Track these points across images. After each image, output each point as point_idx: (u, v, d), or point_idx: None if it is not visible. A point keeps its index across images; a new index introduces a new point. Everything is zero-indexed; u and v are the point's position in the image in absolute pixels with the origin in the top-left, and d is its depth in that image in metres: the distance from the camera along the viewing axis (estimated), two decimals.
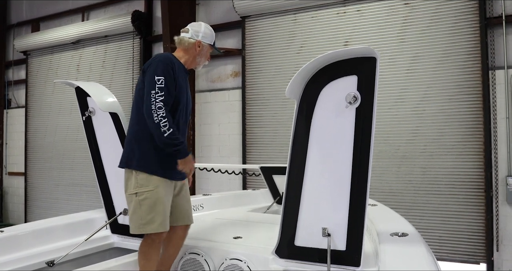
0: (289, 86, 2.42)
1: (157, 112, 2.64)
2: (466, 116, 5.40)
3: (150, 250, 2.84)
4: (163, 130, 2.65)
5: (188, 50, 3.00)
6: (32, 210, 9.52)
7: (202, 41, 3.00)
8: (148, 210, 2.76)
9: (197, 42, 2.98)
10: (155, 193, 2.77)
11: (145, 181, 2.77)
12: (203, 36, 3.01)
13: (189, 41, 2.98)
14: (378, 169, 5.73)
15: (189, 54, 3.01)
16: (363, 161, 2.33)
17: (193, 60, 3.03)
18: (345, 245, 2.38)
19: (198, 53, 3.01)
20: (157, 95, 2.67)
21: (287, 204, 2.55)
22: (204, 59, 3.08)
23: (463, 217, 5.38)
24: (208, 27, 3.07)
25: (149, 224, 2.77)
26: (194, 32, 3.01)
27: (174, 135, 2.68)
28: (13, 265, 2.85)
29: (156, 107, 2.65)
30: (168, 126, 2.65)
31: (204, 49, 3.03)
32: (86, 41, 8.71)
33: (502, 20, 5.31)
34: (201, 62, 3.09)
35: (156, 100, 2.66)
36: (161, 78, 2.71)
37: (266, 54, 6.80)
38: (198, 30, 3.01)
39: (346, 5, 6.19)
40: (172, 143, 2.70)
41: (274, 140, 6.66)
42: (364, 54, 2.32)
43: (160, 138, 2.68)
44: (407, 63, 5.74)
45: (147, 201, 2.76)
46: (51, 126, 9.17)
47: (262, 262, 2.71)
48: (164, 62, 2.79)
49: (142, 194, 2.76)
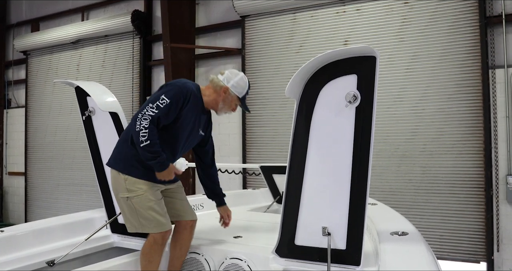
0: (288, 86, 2.42)
1: (141, 121, 2.62)
2: (466, 115, 5.40)
3: (152, 251, 2.84)
4: (140, 139, 2.63)
5: (215, 91, 2.94)
6: (32, 210, 9.52)
7: (230, 89, 2.91)
8: (142, 213, 2.79)
9: (224, 88, 2.91)
10: (145, 197, 2.78)
11: (133, 186, 2.78)
12: (233, 85, 2.91)
13: (218, 83, 2.93)
14: (378, 168, 5.73)
15: (214, 96, 2.94)
16: (363, 160, 2.33)
17: (215, 103, 2.96)
18: (345, 244, 2.38)
19: (222, 99, 2.93)
20: (151, 109, 2.65)
21: (287, 203, 2.55)
22: (227, 108, 2.98)
23: (463, 216, 5.38)
24: (244, 80, 2.95)
25: (144, 225, 2.80)
26: (227, 77, 2.93)
27: (151, 148, 2.65)
28: (13, 264, 2.85)
29: (142, 117, 2.63)
30: (146, 138, 2.62)
31: (229, 98, 2.93)
32: (86, 41, 8.71)
33: (502, 19, 5.31)
34: (223, 110, 2.99)
35: (147, 111, 2.64)
36: (166, 101, 2.68)
37: (265, 54, 6.79)
38: (232, 77, 2.93)
39: (345, 4, 6.18)
40: (147, 156, 2.68)
41: (273, 139, 6.66)
42: (364, 53, 2.32)
43: (138, 148, 2.68)
44: (406, 62, 5.74)
45: (139, 205, 2.78)
46: (51, 126, 9.17)
47: (262, 261, 2.71)
48: (181, 90, 2.76)
49: (133, 198, 2.78)
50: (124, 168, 2.80)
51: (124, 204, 2.83)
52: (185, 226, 3.04)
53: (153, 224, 2.79)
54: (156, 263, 2.85)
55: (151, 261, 2.83)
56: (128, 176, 2.79)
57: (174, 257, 3.04)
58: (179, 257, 3.05)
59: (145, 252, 2.85)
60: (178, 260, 3.05)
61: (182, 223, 3.05)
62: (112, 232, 3.48)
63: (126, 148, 2.82)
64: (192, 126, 2.89)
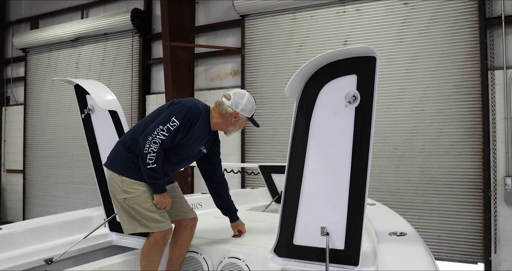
0: (288, 85, 2.42)
1: (150, 145, 2.67)
2: (464, 117, 5.41)
3: (152, 251, 2.84)
4: (147, 161, 2.69)
5: (223, 116, 2.93)
6: (31, 208, 9.51)
7: (240, 114, 2.92)
8: (140, 213, 2.80)
9: (234, 113, 2.91)
10: (143, 197, 2.80)
11: (130, 187, 2.81)
12: (243, 109, 2.92)
13: (226, 110, 2.91)
14: (377, 168, 5.73)
15: (223, 120, 2.94)
16: (362, 160, 2.33)
17: (223, 127, 2.98)
18: (344, 244, 2.38)
19: (232, 123, 2.95)
20: (161, 132, 2.68)
21: (286, 202, 2.55)
22: (237, 129, 3.03)
23: (462, 217, 5.39)
24: (251, 100, 2.98)
25: (143, 225, 2.82)
26: (234, 102, 2.92)
27: (155, 171, 2.73)
28: (11, 262, 2.85)
29: (151, 141, 2.67)
30: (153, 161, 2.70)
31: (240, 121, 2.96)
32: (85, 39, 8.70)
33: (502, 21, 5.31)
34: (233, 131, 3.03)
35: (157, 135, 2.68)
36: (177, 123, 2.71)
37: (265, 53, 6.79)
38: (239, 101, 2.92)
39: (346, 4, 6.18)
40: (151, 175, 2.74)
41: (273, 139, 6.66)
42: (364, 53, 2.32)
43: (142, 166, 2.74)
44: (406, 63, 5.74)
45: (137, 205, 2.80)
46: (50, 124, 9.16)
47: (261, 260, 2.71)
48: (191, 110, 2.77)
49: (131, 199, 2.80)
50: (122, 170, 2.82)
51: (122, 205, 2.85)
52: (185, 226, 3.05)
53: (153, 223, 2.80)
54: (156, 263, 2.86)
55: (151, 261, 2.84)
56: (125, 178, 2.81)
57: (173, 258, 3.04)
58: (178, 258, 3.04)
59: (145, 252, 2.85)
60: (177, 261, 3.04)
61: (182, 223, 3.05)
62: (111, 230, 3.47)
63: (124, 151, 2.84)
64: (195, 145, 2.92)
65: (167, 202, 2.85)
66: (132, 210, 2.81)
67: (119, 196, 2.83)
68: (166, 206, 2.85)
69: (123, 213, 2.87)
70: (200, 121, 2.82)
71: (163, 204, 2.83)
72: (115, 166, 2.86)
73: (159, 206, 2.82)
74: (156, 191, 2.80)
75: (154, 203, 2.81)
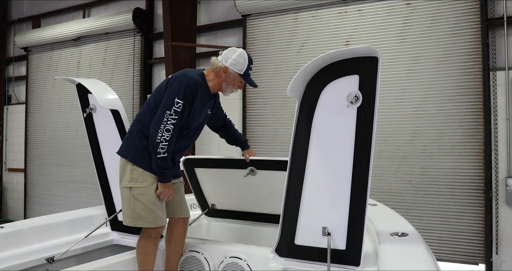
0: (290, 85, 2.42)
1: (163, 133, 2.69)
2: (466, 117, 5.40)
3: (147, 245, 2.88)
4: (158, 151, 2.71)
5: (216, 73, 2.94)
6: (32, 207, 9.52)
7: (229, 68, 2.90)
8: (142, 206, 2.81)
9: (223, 68, 2.90)
10: (149, 190, 2.83)
11: (139, 177, 2.82)
12: (232, 63, 2.90)
13: (217, 65, 2.92)
14: (378, 169, 5.73)
15: (217, 78, 2.95)
16: (364, 161, 2.33)
17: (219, 85, 2.97)
18: (345, 244, 2.38)
19: (224, 79, 2.93)
20: (170, 117, 2.70)
21: (287, 202, 2.55)
22: (231, 87, 2.98)
23: (463, 217, 5.38)
24: (243, 56, 2.93)
25: (142, 218, 2.82)
26: (224, 56, 2.92)
27: (165, 160, 2.75)
28: (13, 261, 2.85)
29: (164, 129, 2.69)
30: (165, 151, 2.72)
31: (231, 77, 2.92)
32: (86, 38, 8.70)
33: (504, 21, 5.30)
34: (228, 90, 2.99)
35: (167, 122, 2.70)
36: (181, 102, 2.72)
37: (266, 53, 6.79)
38: (229, 56, 2.91)
39: (347, 4, 6.18)
40: (160, 165, 2.75)
41: (274, 139, 6.65)
42: (366, 53, 2.32)
43: (153, 155, 2.75)
44: (407, 64, 5.73)
45: (141, 196, 2.81)
46: (51, 123, 9.16)
47: (262, 260, 2.72)
48: (189, 85, 2.77)
49: (137, 189, 2.82)
50: (134, 158, 2.84)
51: (126, 194, 2.86)
52: (178, 222, 3.08)
53: (151, 218, 2.82)
54: (152, 256, 2.90)
55: (146, 254, 2.88)
56: (136, 167, 2.82)
57: (169, 253, 3.07)
58: (175, 253, 3.06)
59: (140, 246, 2.90)
60: (174, 257, 3.06)
61: (175, 220, 3.08)
62: (112, 229, 3.48)
63: (137, 139, 2.86)
64: (203, 112, 2.96)
65: (170, 193, 2.87)
66: (134, 200, 2.82)
67: (127, 184, 2.85)
68: (168, 196, 2.87)
69: (125, 202, 2.89)
70: (200, 90, 2.84)
71: (166, 194, 2.85)
72: (128, 153, 2.88)
73: (162, 196, 2.83)
74: (162, 180, 2.81)
75: (157, 193, 2.82)
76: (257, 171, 3.37)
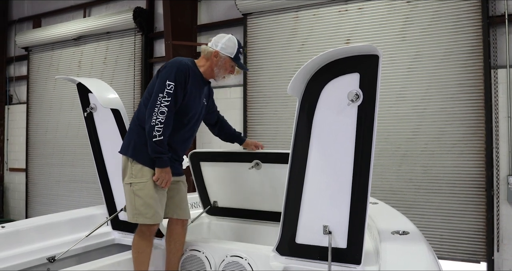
0: (291, 84, 2.42)
1: (157, 116, 2.69)
2: (467, 115, 5.39)
3: (141, 242, 2.89)
4: (154, 134, 2.69)
5: (207, 59, 2.98)
6: (33, 206, 9.53)
7: (220, 52, 2.95)
8: (141, 201, 2.81)
9: (214, 52, 2.95)
10: (148, 185, 2.81)
11: (139, 172, 2.82)
12: (222, 47, 2.96)
13: (208, 50, 2.97)
14: (379, 167, 5.72)
15: (207, 63, 2.98)
16: (365, 159, 2.33)
17: (211, 71, 3.00)
18: (346, 243, 2.38)
19: (215, 64, 2.97)
20: (164, 99, 2.70)
21: (288, 201, 2.55)
22: (223, 72, 3.02)
23: (464, 216, 5.38)
24: (232, 40, 3.01)
25: (141, 214, 2.82)
26: (214, 42, 2.99)
27: (161, 144, 2.73)
28: (14, 260, 2.86)
29: (158, 111, 2.69)
30: (160, 133, 2.70)
31: (222, 61, 2.97)
32: (87, 38, 8.70)
33: (505, 19, 5.28)
34: (220, 74, 3.02)
35: (161, 104, 2.69)
36: (172, 84, 2.73)
37: (267, 52, 6.78)
38: (219, 41, 2.98)
39: (348, 3, 6.17)
40: (156, 149, 2.73)
41: (275, 138, 6.65)
42: (367, 52, 2.32)
43: (149, 141, 2.73)
44: (408, 62, 5.73)
45: (140, 192, 2.81)
46: (52, 122, 9.17)
47: (263, 259, 2.72)
48: (179, 68, 2.79)
49: (136, 184, 2.82)
50: (133, 153, 2.85)
51: (127, 190, 2.87)
52: (176, 222, 3.07)
53: (150, 213, 2.81)
54: (146, 254, 2.90)
55: (141, 252, 2.88)
56: (135, 162, 2.83)
57: (170, 252, 3.06)
58: (175, 252, 3.06)
59: (134, 243, 2.91)
60: (174, 256, 3.05)
61: (173, 220, 3.07)
62: (113, 229, 3.49)
63: (136, 135, 2.87)
64: (198, 99, 2.96)
65: (168, 178, 2.83)
66: (134, 196, 2.82)
67: (127, 180, 2.86)
68: (166, 182, 2.83)
69: (127, 199, 2.89)
70: (192, 74, 2.86)
71: (163, 179, 2.81)
72: (127, 150, 2.88)
73: (159, 182, 2.81)
74: (160, 165, 2.78)
75: (154, 179, 2.80)
76: (262, 164, 3.37)
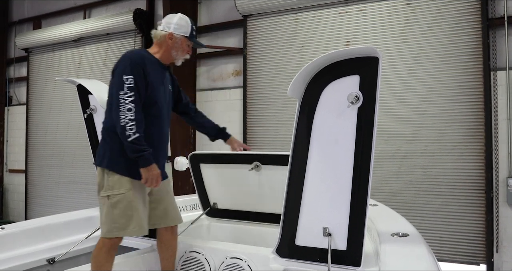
0: (291, 85, 2.42)
1: (125, 114, 2.51)
2: (467, 117, 5.39)
3: (99, 256, 2.64)
4: (128, 133, 2.51)
5: (161, 44, 2.86)
6: (33, 208, 9.52)
7: (174, 33, 2.83)
8: (121, 214, 2.62)
9: (168, 35, 2.83)
10: (128, 196, 2.63)
11: (116, 183, 2.63)
12: (176, 28, 2.84)
13: (161, 34, 2.85)
14: (379, 169, 5.72)
15: (163, 48, 2.85)
16: (365, 161, 2.33)
17: (168, 55, 2.87)
18: (346, 245, 2.38)
19: (172, 47, 2.84)
20: (126, 95, 2.54)
21: (288, 203, 2.55)
22: (181, 53, 2.89)
23: (464, 218, 5.38)
24: (184, 19, 2.90)
25: (122, 228, 2.62)
26: (165, 24, 2.87)
27: (139, 141, 2.53)
28: (13, 262, 2.86)
29: (125, 109, 2.51)
30: (134, 131, 2.51)
31: (178, 42, 2.85)
32: (87, 39, 8.70)
33: (504, 21, 5.29)
34: (178, 56, 2.90)
35: (125, 101, 2.53)
36: (130, 77, 2.58)
37: (267, 53, 6.79)
38: (170, 21, 2.86)
39: (348, 4, 6.18)
40: (135, 148, 2.53)
41: (275, 139, 6.65)
42: (367, 54, 2.32)
43: (125, 142, 2.54)
44: (408, 64, 5.73)
45: (120, 204, 2.62)
46: (52, 124, 9.17)
47: (263, 261, 2.71)
48: (133, 60, 2.66)
49: (114, 197, 2.62)
50: (108, 164, 2.67)
51: (104, 203, 2.66)
52: (166, 228, 2.95)
53: (131, 226, 2.63)
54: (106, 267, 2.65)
55: (99, 266, 2.63)
56: (111, 173, 2.64)
57: (163, 259, 2.98)
58: (169, 258, 2.97)
59: (93, 256, 2.67)
60: (168, 261, 2.97)
61: (162, 228, 2.95)
62: None
63: (111, 143, 2.68)
64: (162, 87, 2.83)
65: (157, 175, 2.63)
66: (112, 208, 2.62)
67: (104, 193, 2.66)
68: (155, 181, 2.63)
69: (103, 213, 2.68)
70: (148, 63, 2.72)
71: (152, 179, 2.61)
72: (102, 161, 2.70)
73: (148, 183, 2.61)
74: (143, 163, 2.57)
75: (142, 181, 2.61)
76: (262, 166, 3.35)
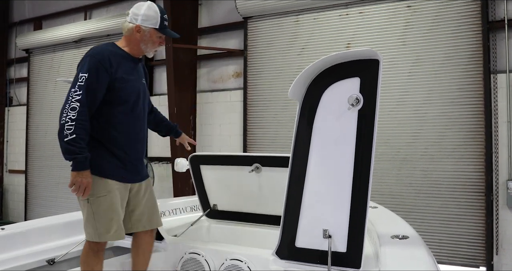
0: (291, 87, 2.43)
1: (68, 113, 2.40)
2: (467, 120, 5.40)
3: (88, 259, 2.60)
4: (65, 133, 2.37)
5: (129, 37, 2.67)
6: (32, 208, 9.53)
7: (142, 26, 2.62)
8: (101, 218, 2.55)
9: (135, 27, 2.63)
10: (108, 199, 2.55)
11: (96, 186, 2.54)
12: (143, 20, 2.62)
13: (128, 27, 2.66)
14: (379, 171, 5.73)
15: (131, 41, 2.68)
16: (365, 163, 2.33)
17: (137, 48, 2.69)
18: (346, 246, 2.37)
19: (140, 40, 2.65)
20: (75, 94, 2.44)
21: (288, 205, 2.55)
22: (151, 45, 2.70)
23: (464, 220, 5.38)
24: (152, 8, 2.65)
25: (105, 232, 2.55)
26: (132, 15, 2.65)
27: (74, 144, 2.38)
28: (13, 263, 2.85)
29: (69, 108, 2.41)
30: (72, 132, 2.37)
31: (147, 35, 2.65)
32: (88, 40, 8.71)
33: (504, 24, 5.30)
34: (148, 49, 2.71)
35: (72, 100, 2.43)
36: (84, 75, 2.45)
37: (268, 55, 6.80)
38: (137, 12, 2.63)
39: (349, 7, 6.19)
40: (69, 149, 2.40)
41: (275, 141, 6.66)
42: (367, 56, 2.32)
43: (60, 142, 2.42)
44: (408, 66, 5.74)
45: (100, 208, 2.55)
46: (52, 124, 9.16)
47: (263, 262, 2.71)
48: (94, 56, 2.52)
49: (96, 199, 2.54)
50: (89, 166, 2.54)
51: (85, 207, 2.59)
52: (145, 232, 2.86)
53: (113, 229, 2.56)
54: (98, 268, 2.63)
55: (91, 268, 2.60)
56: (92, 175, 2.53)
57: (138, 263, 2.86)
58: (144, 264, 2.87)
59: (82, 261, 2.63)
60: (142, 266, 2.87)
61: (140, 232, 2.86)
62: None
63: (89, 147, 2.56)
64: (135, 80, 2.71)
65: (86, 183, 2.47)
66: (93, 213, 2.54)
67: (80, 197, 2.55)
68: (84, 188, 2.47)
69: (84, 217, 2.61)
70: (114, 58, 2.57)
71: (80, 185, 2.45)
72: None
73: (74, 189, 2.47)
74: (75, 167, 2.42)
75: (68, 185, 2.49)
76: (262, 167, 3.34)
